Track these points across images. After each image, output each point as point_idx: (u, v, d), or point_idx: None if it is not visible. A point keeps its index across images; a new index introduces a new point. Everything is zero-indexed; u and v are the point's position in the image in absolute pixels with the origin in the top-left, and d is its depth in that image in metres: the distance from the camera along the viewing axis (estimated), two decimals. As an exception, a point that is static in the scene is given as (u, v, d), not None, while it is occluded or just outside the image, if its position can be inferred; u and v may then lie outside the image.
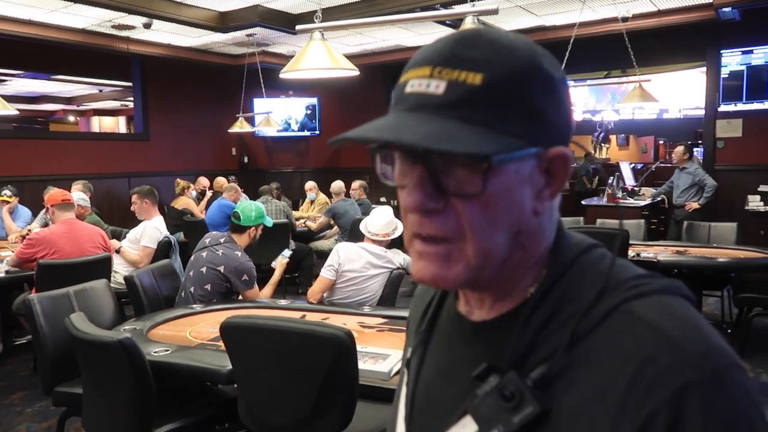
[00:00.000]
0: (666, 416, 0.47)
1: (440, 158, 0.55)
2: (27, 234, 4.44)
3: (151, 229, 4.42)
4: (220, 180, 7.47)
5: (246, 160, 9.69)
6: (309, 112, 9.54)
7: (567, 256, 0.60)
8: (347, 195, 6.68)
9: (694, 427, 0.47)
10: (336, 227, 6.32)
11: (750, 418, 0.48)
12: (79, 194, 4.91)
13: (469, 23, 2.65)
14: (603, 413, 0.50)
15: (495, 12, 2.75)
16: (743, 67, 6.39)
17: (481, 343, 0.62)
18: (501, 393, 0.54)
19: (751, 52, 6.33)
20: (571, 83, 7.87)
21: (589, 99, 12.24)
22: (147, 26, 6.22)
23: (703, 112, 7.17)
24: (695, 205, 6.04)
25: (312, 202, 7.66)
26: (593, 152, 12.47)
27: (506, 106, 0.54)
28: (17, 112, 5.09)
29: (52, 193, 4.03)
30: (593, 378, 0.52)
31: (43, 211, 4.79)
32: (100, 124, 14.74)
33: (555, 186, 0.59)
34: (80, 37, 6.56)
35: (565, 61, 5.44)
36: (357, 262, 3.19)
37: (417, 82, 0.56)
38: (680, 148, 6.27)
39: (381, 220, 3.29)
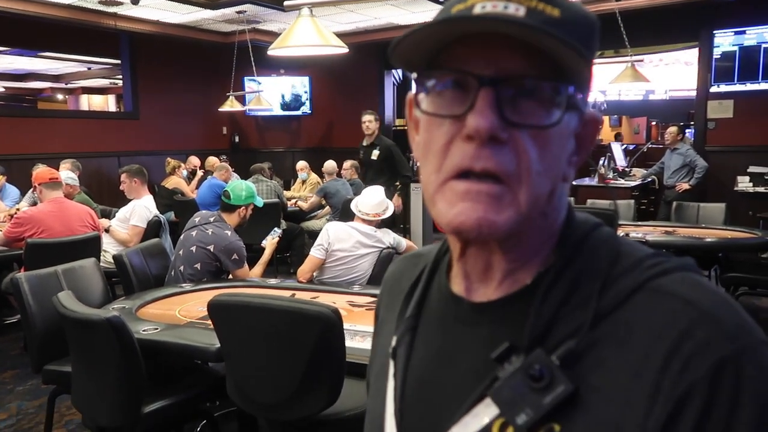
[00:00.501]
0: (703, 390, 0.46)
1: (510, 86, 0.51)
2: (15, 213, 4.41)
3: (141, 209, 4.41)
4: (212, 159, 7.43)
5: (237, 139, 9.62)
6: (298, 93, 9.45)
7: (579, 233, 0.58)
8: (339, 175, 6.67)
9: (728, 401, 0.46)
10: (327, 207, 6.31)
11: None
12: (67, 173, 4.88)
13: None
14: (639, 390, 0.48)
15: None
16: (735, 48, 6.38)
17: (488, 323, 0.57)
18: (527, 373, 0.50)
19: (743, 32, 6.31)
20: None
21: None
22: (135, 2, 6.11)
23: (690, 93, 7.16)
24: (686, 186, 6.07)
25: (303, 181, 7.64)
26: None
27: (580, 47, 0.50)
28: (4, 90, 5.02)
29: (40, 172, 4.00)
30: (625, 355, 0.50)
31: (32, 189, 4.75)
32: (89, 102, 14.56)
33: (582, 153, 0.57)
34: (66, 13, 6.44)
35: (557, 41, 5.40)
36: (347, 242, 3.19)
37: (491, 4, 0.51)
38: (673, 129, 6.28)
39: (372, 199, 3.28)
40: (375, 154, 5.79)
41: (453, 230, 0.54)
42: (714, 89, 6.57)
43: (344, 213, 5.18)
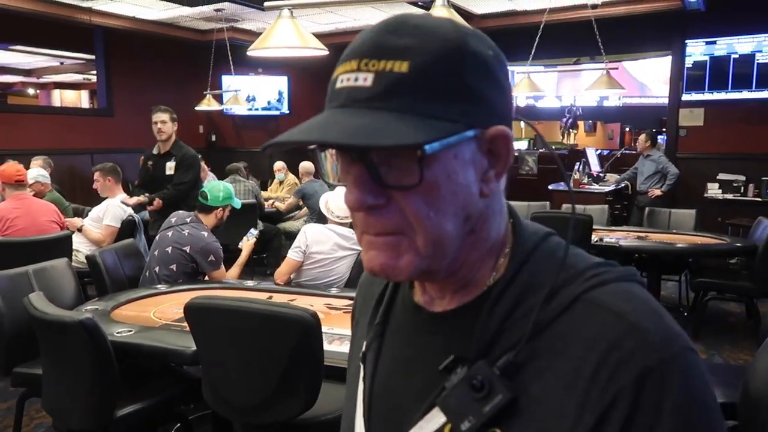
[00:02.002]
0: (627, 399, 0.49)
1: (377, 153, 0.53)
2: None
3: (115, 208, 4.34)
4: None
5: (214, 138, 9.52)
6: (276, 93, 9.40)
7: (527, 245, 0.61)
8: (316, 176, 6.64)
9: (652, 408, 0.49)
10: (305, 208, 6.29)
11: (703, 398, 0.51)
12: (38, 170, 4.78)
13: (439, 5, 2.64)
14: (572, 399, 0.51)
15: (466, -5, 2.73)
16: (706, 58, 6.54)
17: (443, 333, 0.61)
18: (470, 383, 0.54)
19: (714, 42, 6.47)
20: (540, 68, 7.83)
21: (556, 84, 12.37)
22: (110, -3, 6.01)
23: (654, 100, 7.30)
24: (658, 192, 6.19)
25: (281, 182, 7.60)
26: (562, 137, 12.64)
27: (436, 91, 0.52)
28: (-28, 84, 4.89)
29: (5, 170, 3.90)
30: (561, 365, 0.53)
31: None
32: (61, 98, 14.26)
33: (500, 166, 0.58)
34: (40, 6, 6.30)
35: (534, 47, 5.48)
36: (325, 244, 3.19)
37: (346, 77, 0.55)
38: (642, 136, 6.41)
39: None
40: (170, 167, 4.44)
41: (370, 273, 0.59)
42: (685, 97, 6.72)
43: (322, 215, 5.16)
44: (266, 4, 2.94)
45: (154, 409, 2.25)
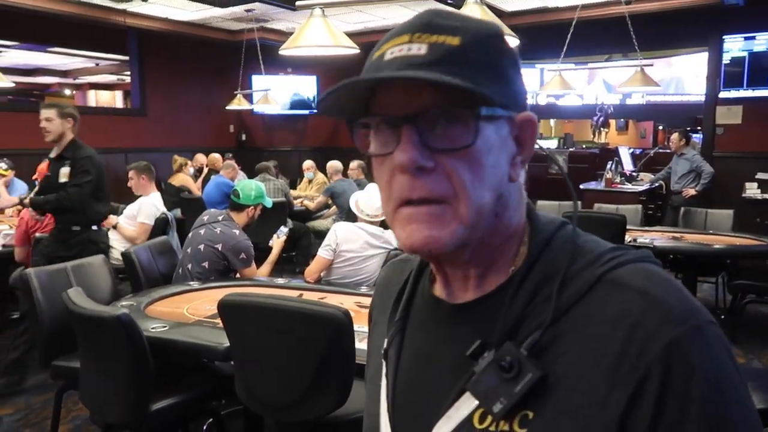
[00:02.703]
0: (657, 372, 0.50)
1: (426, 119, 0.56)
2: (23, 205, 4.41)
3: (148, 206, 4.41)
4: (214, 157, 7.43)
5: (244, 137, 9.63)
6: (305, 92, 9.45)
7: (544, 233, 0.63)
8: (345, 174, 6.66)
9: (682, 380, 0.50)
10: (334, 207, 6.31)
11: (728, 367, 0.53)
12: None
13: (471, 2, 2.61)
14: (599, 377, 0.52)
15: (499, -8, 2.71)
16: (745, 53, 6.36)
17: (466, 323, 0.62)
18: (499, 365, 0.55)
19: (753, 38, 6.29)
20: (570, 66, 7.72)
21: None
22: (144, -1, 6.13)
23: (697, 98, 7.14)
24: (692, 192, 6.05)
25: (310, 181, 7.64)
26: (593, 136, 12.43)
27: (483, 67, 0.56)
28: (13, 85, 5.03)
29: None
30: (586, 344, 0.54)
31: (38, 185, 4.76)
32: (96, 98, 14.60)
33: (525, 152, 0.61)
34: (76, 9, 6.46)
35: (566, 44, 5.40)
36: (355, 242, 3.19)
37: (397, 48, 0.57)
38: (675, 135, 6.27)
39: (377, 201, 3.28)
40: (64, 173, 3.46)
41: (408, 250, 0.59)
42: (723, 95, 6.55)
43: (351, 213, 5.18)
44: (298, 3, 2.95)
45: (187, 404, 2.29)
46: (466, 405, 0.57)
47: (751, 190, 6.39)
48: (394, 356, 0.68)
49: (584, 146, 11.07)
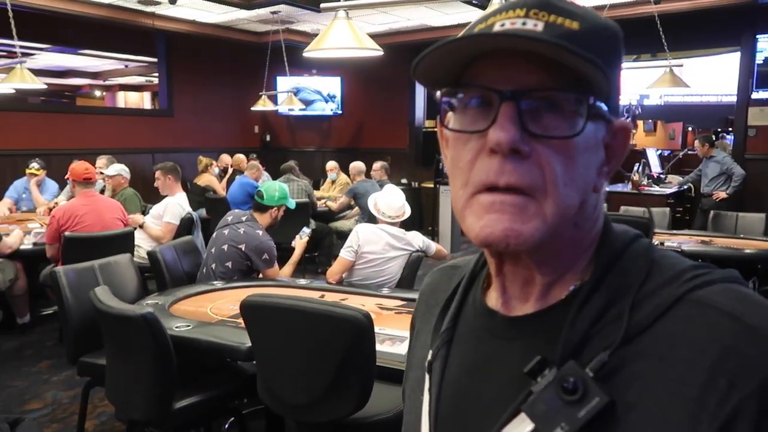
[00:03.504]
0: (752, 408, 0.45)
1: (530, 99, 0.51)
2: (54, 206, 4.52)
3: (174, 206, 4.48)
4: (239, 157, 7.50)
5: (268, 138, 9.72)
6: (330, 93, 9.49)
7: (615, 245, 0.57)
8: (368, 175, 6.67)
9: None
10: (356, 208, 6.32)
11: None
12: (122, 165, 5.02)
13: (496, 3, 2.59)
14: (679, 409, 0.47)
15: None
16: (779, 53, 6.19)
17: (523, 338, 0.57)
18: (561, 386, 0.49)
19: (788, 37, 6.12)
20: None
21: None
22: (172, 2, 6.22)
23: (729, 98, 6.97)
24: (723, 195, 5.91)
25: (333, 182, 7.67)
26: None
27: (599, 59, 0.50)
28: (45, 86, 5.16)
29: (75, 168, 4.09)
30: (664, 371, 0.48)
31: (70, 184, 4.88)
32: (125, 100, 14.88)
33: (613, 163, 0.56)
34: (106, 12, 6.59)
35: (593, 44, 5.31)
36: (377, 244, 3.19)
37: (510, 21, 0.52)
38: (697, 143, 6.18)
39: (396, 201, 3.27)
40: None
41: (482, 242, 0.53)
42: (755, 95, 6.39)
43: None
44: (322, 5, 2.97)
45: (209, 403, 2.31)
46: (520, 427, 0.51)
47: (785, 194, 6.22)
48: (439, 369, 0.62)
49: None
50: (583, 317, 0.53)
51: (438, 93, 0.57)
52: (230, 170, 7.37)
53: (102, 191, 5.02)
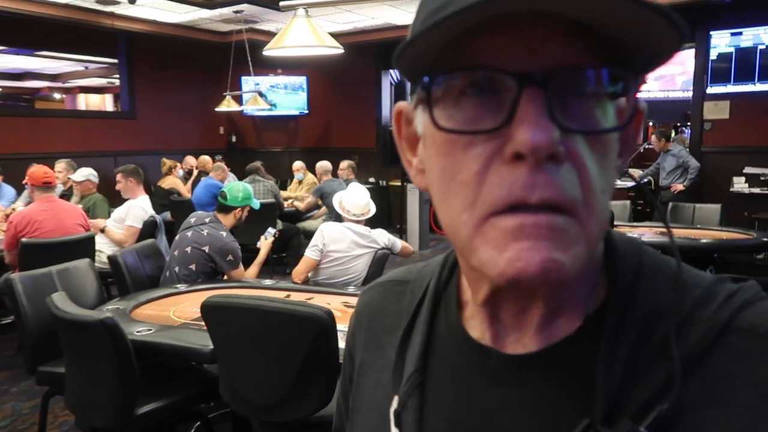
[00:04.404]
0: None
1: (559, 83, 0.38)
2: (11, 212, 4.40)
3: (137, 209, 4.40)
4: (204, 159, 7.41)
5: (234, 139, 9.62)
6: (296, 93, 9.44)
7: (630, 260, 0.46)
8: (335, 175, 6.67)
9: None
10: (324, 207, 6.31)
11: None
12: (90, 170, 4.91)
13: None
14: None
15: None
16: (732, 49, 6.39)
17: (535, 384, 0.45)
18: None
19: (740, 33, 6.32)
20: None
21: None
22: (132, 1, 6.11)
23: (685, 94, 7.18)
24: (680, 187, 6.09)
25: (300, 182, 7.64)
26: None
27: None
28: (1, 89, 5.02)
29: (34, 173, 3.99)
30: (728, 417, 0.39)
31: (28, 189, 4.75)
32: (86, 102, 14.54)
33: (626, 154, 0.45)
34: (64, 12, 6.44)
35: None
36: (342, 242, 3.19)
37: None
38: (654, 137, 6.36)
39: (361, 199, 3.28)
40: None
41: (509, 281, 0.39)
42: (710, 90, 6.59)
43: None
44: (282, 3, 2.95)
45: (173, 407, 2.28)
46: None
47: (739, 185, 6.43)
48: (413, 423, 0.49)
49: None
50: (617, 353, 0.42)
51: (425, 78, 0.41)
52: (195, 172, 7.27)
53: (62, 196, 4.91)
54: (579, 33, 0.38)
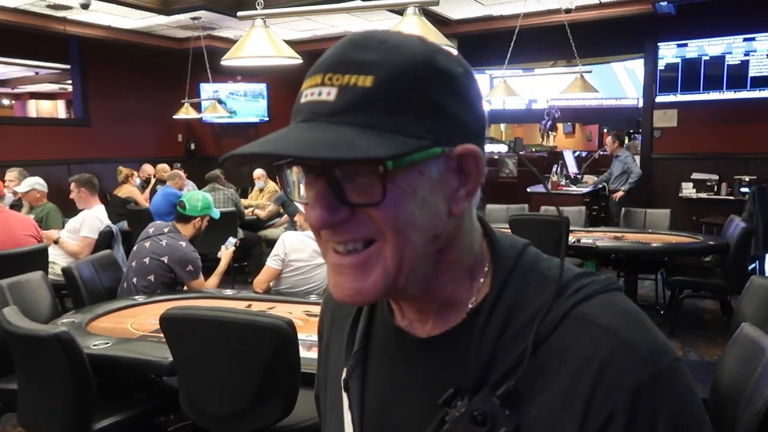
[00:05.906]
0: (622, 417, 0.50)
1: (341, 168, 0.52)
2: None
3: (92, 219, 4.29)
4: (162, 167, 7.28)
5: (193, 146, 9.47)
6: (255, 100, 9.38)
7: (506, 261, 0.60)
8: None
9: (647, 423, 0.50)
10: (285, 215, 6.28)
11: (693, 406, 0.53)
12: (36, 179, 4.76)
13: (410, 14, 2.67)
14: (571, 418, 0.52)
15: (436, 3, 2.78)
16: (678, 60, 6.67)
17: (433, 360, 0.60)
18: (472, 416, 0.53)
19: (686, 45, 6.60)
20: (519, 72, 7.90)
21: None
22: (85, 6, 5.96)
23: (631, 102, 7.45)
24: (620, 193, 6.32)
25: (261, 190, 7.57)
26: (541, 140, 12.77)
27: (401, 106, 0.51)
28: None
29: None
30: (558, 383, 0.53)
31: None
32: (37, 108, 14.07)
33: (470, 185, 0.56)
34: (12, 17, 6.24)
35: (510, 51, 5.56)
36: (303, 252, 3.20)
37: (310, 92, 0.53)
38: (609, 138, 6.58)
39: None
40: None
41: (340, 300, 0.57)
42: (659, 98, 6.85)
43: (302, 221, 5.17)
44: (239, 14, 2.95)
45: (132, 421, 2.24)
46: None
47: (687, 190, 6.70)
48: (357, 389, 0.65)
49: (533, 150, 11.36)
50: (486, 340, 0.56)
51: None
52: (153, 180, 7.14)
53: (13, 206, 4.75)
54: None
